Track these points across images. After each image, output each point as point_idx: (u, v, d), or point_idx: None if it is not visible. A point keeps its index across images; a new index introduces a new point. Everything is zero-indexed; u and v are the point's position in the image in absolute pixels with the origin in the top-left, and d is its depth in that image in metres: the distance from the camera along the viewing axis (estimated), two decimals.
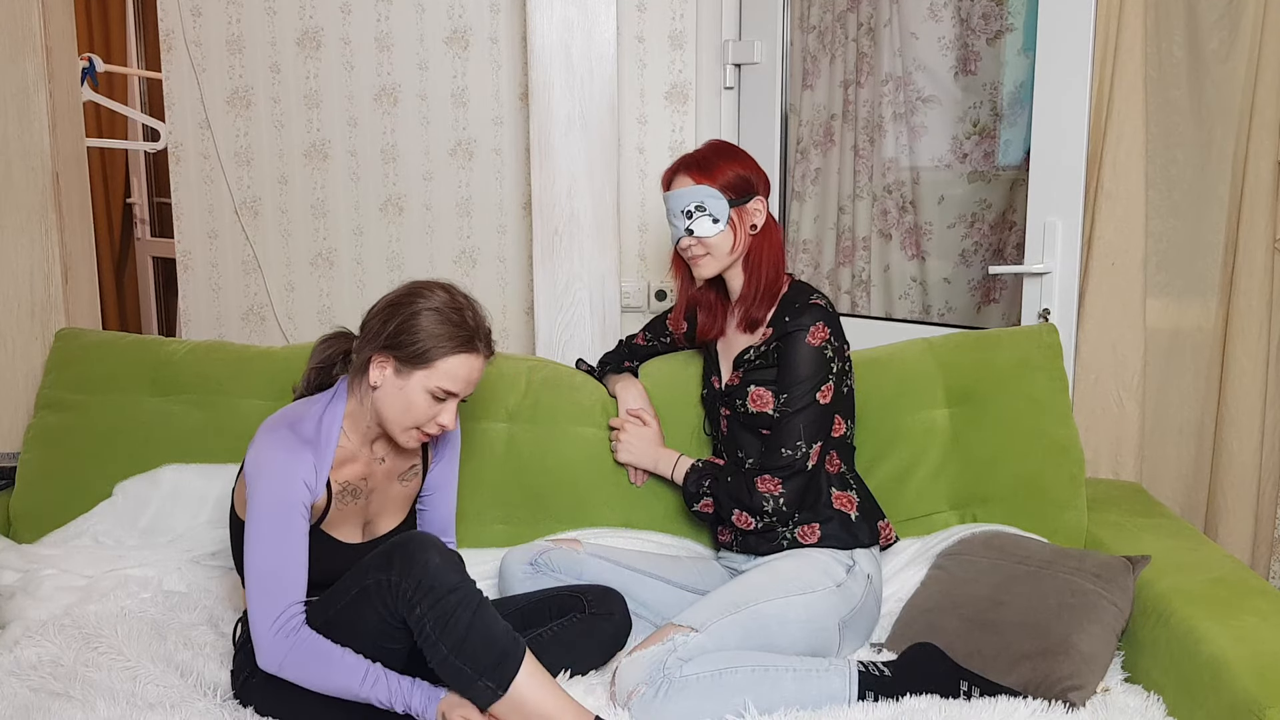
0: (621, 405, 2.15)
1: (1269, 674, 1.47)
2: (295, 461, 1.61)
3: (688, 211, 1.91)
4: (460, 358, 1.65)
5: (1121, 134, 2.32)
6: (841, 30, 2.88)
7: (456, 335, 1.65)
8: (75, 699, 1.63)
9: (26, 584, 2.02)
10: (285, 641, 1.55)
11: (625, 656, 1.71)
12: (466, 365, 1.66)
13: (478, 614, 1.53)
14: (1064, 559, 1.86)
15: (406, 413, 1.66)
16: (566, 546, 1.99)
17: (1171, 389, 2.53)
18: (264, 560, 1.58)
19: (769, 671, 1.65)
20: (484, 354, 1.69)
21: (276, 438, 1.63)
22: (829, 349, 1.88)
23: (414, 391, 1.64)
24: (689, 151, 1.98)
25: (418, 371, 1.64)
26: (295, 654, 1.55)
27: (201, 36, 2.72)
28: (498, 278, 2.78)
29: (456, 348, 1.64)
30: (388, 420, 1.67)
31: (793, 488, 1.87)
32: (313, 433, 1.66)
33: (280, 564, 1.58)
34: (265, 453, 1.61)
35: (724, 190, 1.90)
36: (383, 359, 1.65)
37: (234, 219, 2.79)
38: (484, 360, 1.69)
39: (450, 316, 1.65)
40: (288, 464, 1.60)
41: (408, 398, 1.65)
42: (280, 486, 1.59)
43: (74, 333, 2.36)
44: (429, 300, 1.66)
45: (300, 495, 1.60)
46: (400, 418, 1.66)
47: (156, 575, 2.06)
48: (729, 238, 1.91)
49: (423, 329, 1.64)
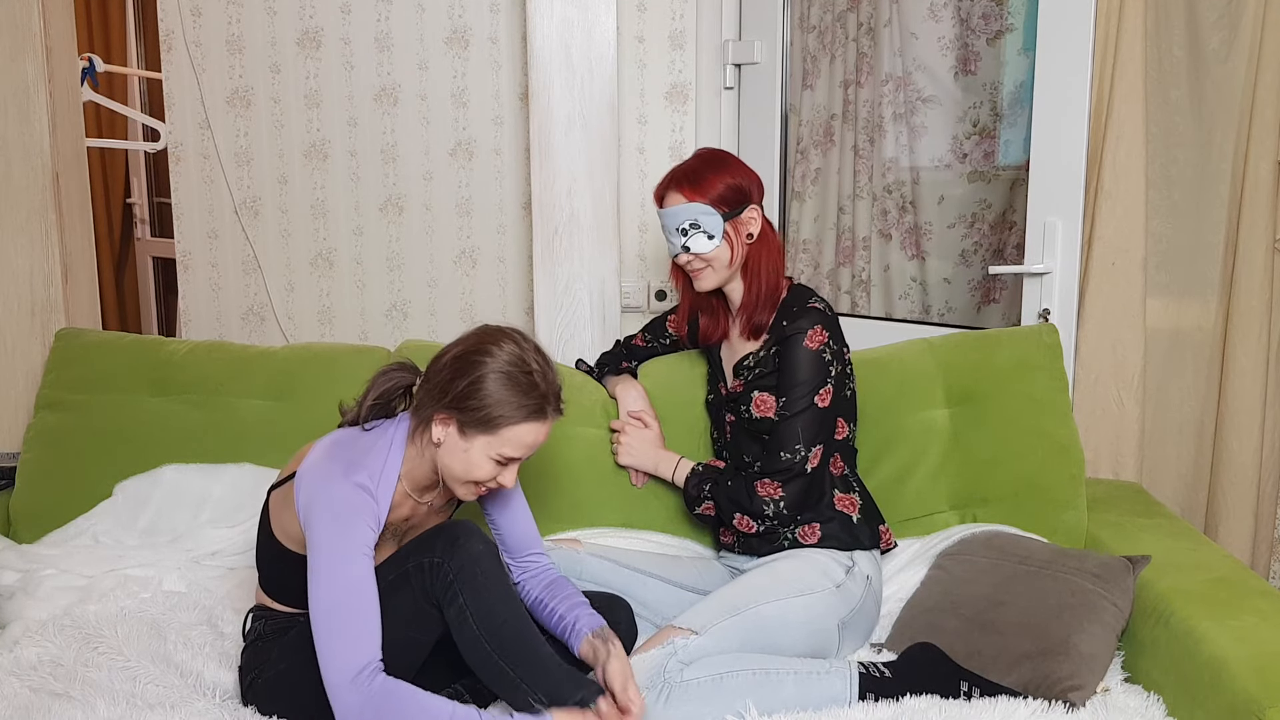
0: (622, 407, 2.15)
1: (1269, 674, 1.47)
2: (364, 503, 1.55)
3: (682, 229, 1.90)
4: (527, 426, 1.57)
5: (1121, 134, 2.32)
6: (841, 30, 2.88)
7: (524, 405, 1.56)
8: (75, 699, 1.63)
9: (26, 584, 2.01)
10: (364, 691, 1.45)
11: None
12: (534, 433, 1.58)
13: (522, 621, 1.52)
14: (1064, 559, 1.86)
15: (468, 472, 1.59)
16: (566, 547, 1.99)
17: (1171, 389, 2.53)
18: (339, 606, 1.48)
19: (770, 675, 1.65)
20: (552, 418, 1.60)
21: (344, 475, 1.55)
22: (827, 352, 1.88)
23: (476, 454, 1.57)
24: (678, 164, 1.96)
25: (482, 436, 1.56)
26: (372, 704, 1.44)
27: (201, 36, 2.72)
28: (498, 278, 2.78)
29: (525, 417, 1.56)
30: (448, 476, 1.61)
31: (793, 491, 1.87)
32: (372, 481, 1.58)
33: (356, 608, 1.49)
34: (335, 490, 1.54)
35: (716, 205, 1.89)
36: (445, 416, 1.57)
37: (234, 219, 2.79)
38: (551, 424, 1.61)
39: (520, 381, 1.56)
40: (358, 506, 1.54)
41: (469, 459, 1.58)
42: (351, 528, 1.52)
43: (74, 333, 2.36)
44: (496, 360, 1.56)
45: (367, 538, 1.53)
46: (461, 475, 1.60)
47: (156, 575, 2.06)
48: (726, 251, 1.91)
49: (489, 394, 1.55)
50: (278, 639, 1.66)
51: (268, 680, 1.63)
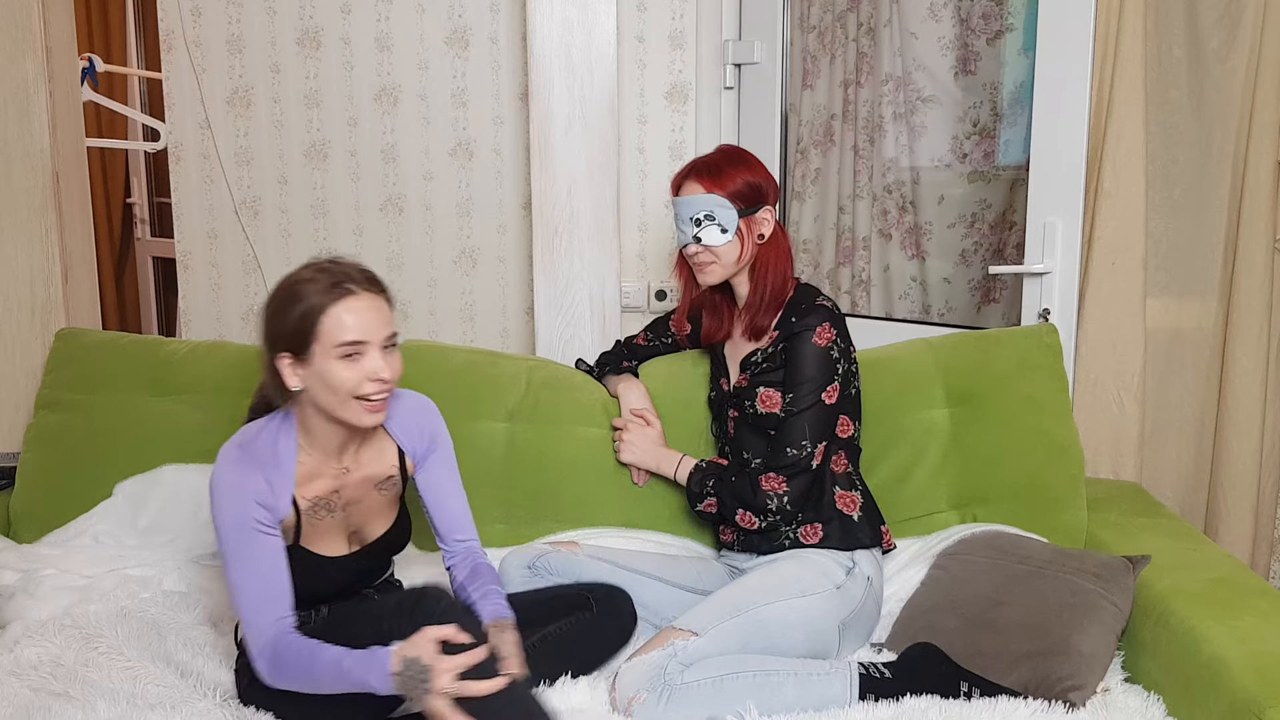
0: (624, 405, 2.15)
1: (1269, 674, 1.47)
2: (245, 482, 1.58)
3: (696, 219, 1.90)
4: (338, 308, 1.54)
5: (1121, 134, 2.32)
6: (841, 30, 2.88)
7: (322, 294, 1.55)
8: (75, 699, 1.63)
9: (26, 584, 2.02)
10: (264, 655, 1.54)
11: (624, 662, 1.71)
12: (350, 311, 1.55)
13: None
14: (1064, 559, 1.86)
15: (335, 390, 1.56)
16: (565, 549, 1.99)
17: (1171, 389, 2.53)
18: (240, 581, 1.56)
19: (770, 677, 1.65)
20: (365, 290, 1.57)
21: (227, 459, 1.60)
22: (835, 350, 1.88)
23: (324, 366, 1.55)
24: (700, 156, 1.98)
25: (314, 346, 1.55)
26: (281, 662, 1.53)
27: (201, 36, 2.72)
28: (498, 278, 2.78)
29: (330, 302, 1.54)
30: (328, 407, 1.59)
31: (797, 487, 1.87)
32: (268, 454, 1.61)
33: (256, 583, 1.56)
34: (218, 475, 1.59)
35: (734, 200, 1.90)
36: (283, 359, 1.58)
37: (234, 219, 2.79)
38: (371, 297, 1.58)
39: (307, 281, 1.56)
40: (239, 485, 1.58)
41: (325, 376, 1.56)
42: (235, 507, 1.57)
43: (74, 333, 2.36)
44: (281, 285, 1.59)
45: (254, 513, 1.56)
46: (335, 399, 1.57)
47: (156, 575, 2.06)
48: (736, 247, 1.91)
49: (291, 311, 1.55)
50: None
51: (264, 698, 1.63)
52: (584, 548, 2.01)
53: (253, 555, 1.56)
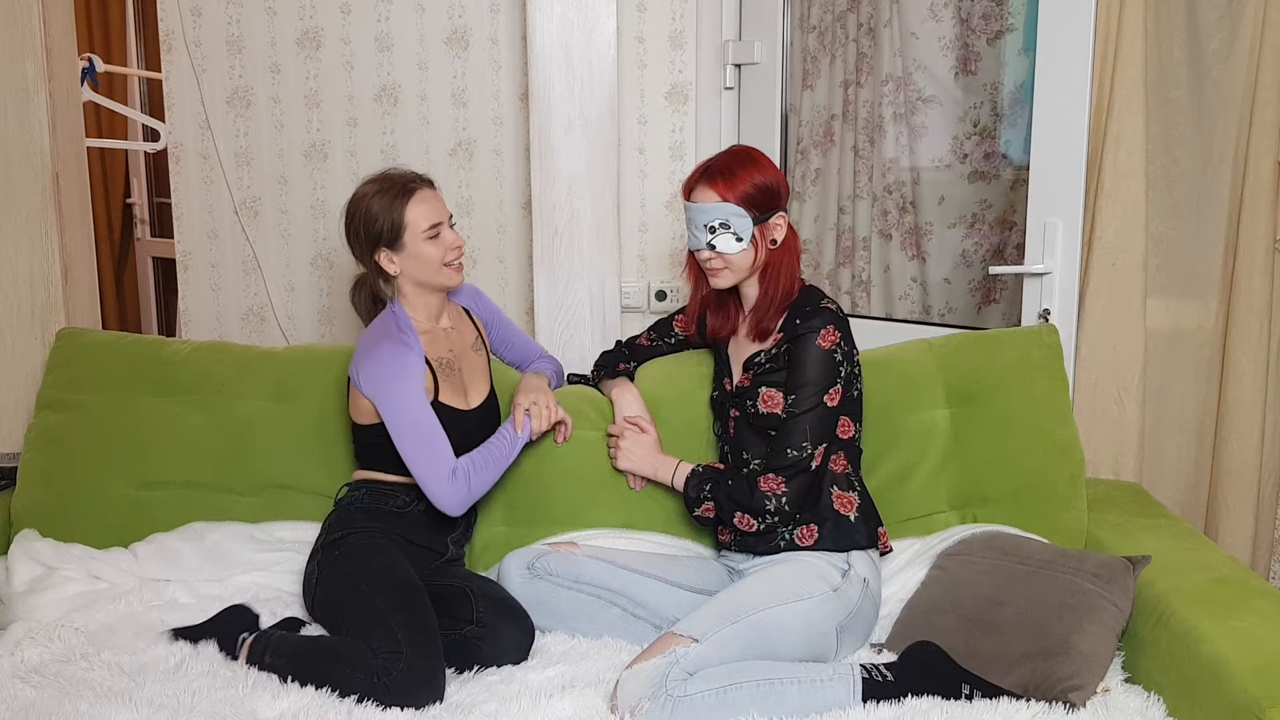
0: (619, 412, 2.15)
1: (1269, 674, 1.47)
2: (405, 359, 1.93)
3: (710, 227, 1.90)
4: (412, 203, 1.97)
5: (1121, 134, 2.32)
6: (841, 30, 2.88)
7: (396, 193, 1.98)
8: (77, 699, 1.63)
9: (43, 580, 2.04)
10: (459, 485, 1.92)
11: (625, 669, 1.70)
12: (423, 203, 1.99)
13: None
14: (1064, 559, 1.86)
15: (430, 262, 1.99)
16: (565, 549, 1.99)
17: (1171, 389, 2.53)
18: (417, 437, 1.91)
19: (774, 685, 1.65)
20: (425, 187, 2.02)
21: (382, 349, 1.94)
22: (838, 352, 1.88)
23: (417, 248, 1.98)
24: (712, 158, 1.95)
25: (404, 237, 1.97)
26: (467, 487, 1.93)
27: (201, 36, 2.72)
28: (498, 278, 2.78)
29: (405, 201, 1.97)
30: (426, 279, 2.01)
31: (796, 487, 1.87)
32: (397, 330, 1.97)
33: (430, 433, 1.91)
34: (380, 362, 1.93)
35: (748, 207, 1.88)
36: (380, 254, 1.99)
37: (234, 219, 2.79)
38: (429, 190, 2.02)
39: (380, 188, 1.99)
40: (402, 362, 1.93)
41: (419, 256, 1.98)
42: (406, 378, 1.92)
43: (74, 333, 2.36)
44: (356, 198, 2.01)
45: (420, 379, 1.93)
46: (430, 269, 2.00)
47: (171, 585, 2.08)
48: (750, 255, 1.91)
49: (375, 214, 1.97)
50: (367, 510, 1.99)
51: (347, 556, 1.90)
52: (583, 548, 2.01)
53: (425, 414, 1.92)
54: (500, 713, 1.66)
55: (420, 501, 2.00)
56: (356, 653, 1.73)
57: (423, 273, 2.00)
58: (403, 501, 2.01)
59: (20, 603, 1.98)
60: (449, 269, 2.01)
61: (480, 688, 1.76)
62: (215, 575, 2.10)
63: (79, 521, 2.21)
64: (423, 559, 1.98)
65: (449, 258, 2.01)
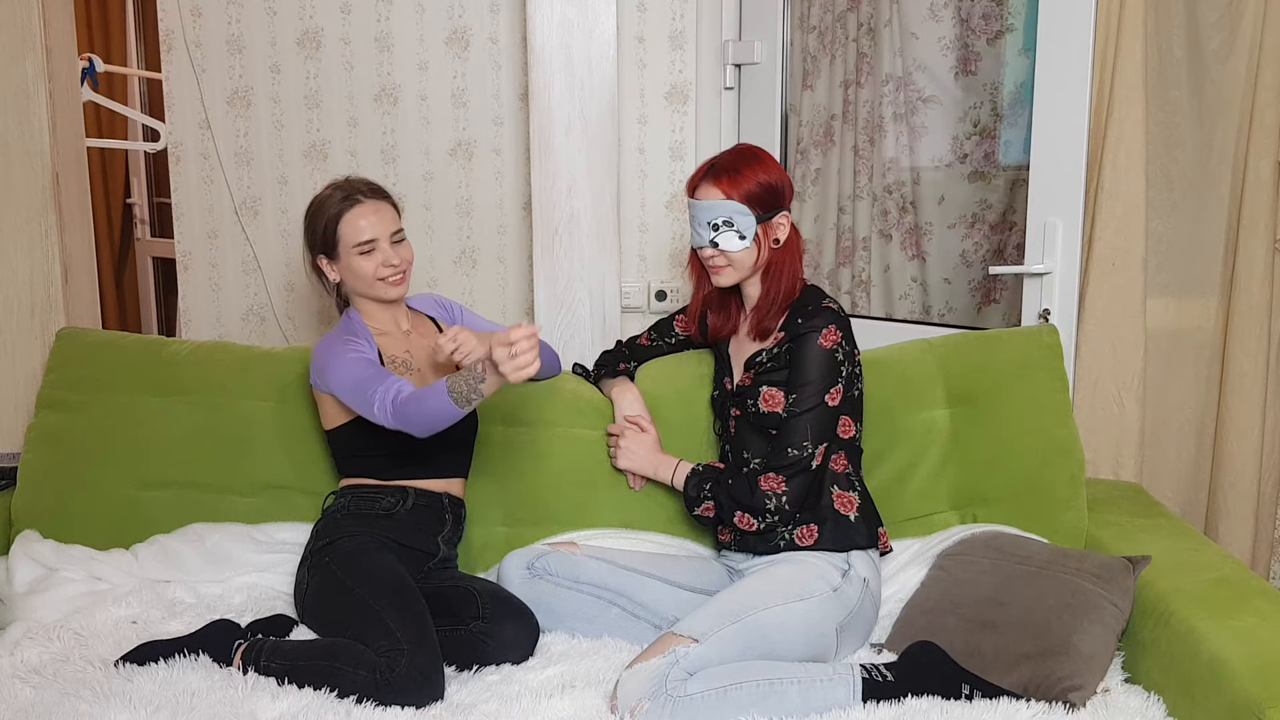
0: (618, 411, 2.15)
1: (1269, 674, 1.47)
2: (347, 336, 1.97)
3: (714, 224, 1.90)
4: (350, 215, 1.98)
5: (1121, 134, 2.32)
6: (841, 30, 2.88)
7: (335, 205, 1.99)
8: (77, 699, 1.63)
9: (43, 582, 2.03)
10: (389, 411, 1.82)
11: (625, 669, 1.70)
12: (361, 216, 1.98)
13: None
14: (1064, 559, 1.86)
15: (363, 276, 1.99)
16: (564, 549, 1.99)
17: (1171, 389, 2.53)
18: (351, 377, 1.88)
19: (774, 685, 1.65)
20: (367, 199, 2.00)
21: (329, 336, 2.00)
22: (840, 352, 1.88)
23: (351, 262, 1.99)
24: (716, 156, 1.96)
25: (339, 248, 2.00)
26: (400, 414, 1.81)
27: (201, 36, 2.72)
28: (498, 278, 2.78)
29: (342, 211, 1.98)
30: (362, 291, 2.02)
31: (796, 486, 1.87)
32: (353, 335, 1.99)
33: (363, 372, 1.87)
34: (326, 346, 1.96)
35: (752, 206, 1.89)
36: (320, 260, 2.03)
37: (234, 219, 2.79)
38: (374, 203, 2.01)
39: (325, 198, 2.01)
40: (344, 338, 1.96)
41: (351, 269, 2.00)
42: (342, 347, 1.93)
43: (74, 333, 2.36)
44: (314, 199, 2.04)
45: (359, 346, 1.93)
46: (363, 282, 2.00)
47: (172, 585, 2.08)
48: (753, 253, 1.91)
49: (315, 220, 2.01)
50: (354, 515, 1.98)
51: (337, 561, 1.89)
52: (583, 548, 2.01)
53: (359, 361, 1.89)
54: (500, 712, 1.66)
55: (406, 501, 2.00)
56: (357, 650, 1.73)
57: (357, 284, 2.02)
58: (389, 503, 2.00)
59: (20, 603, 1.98)
60: (383, 283, 2.00)
61: (480, 687, 1.76)
62: (216, 576, 2.10)
63: (79, 521, 2.21)
64: (415, 562, 1.98)
65: (382, 273, 1.99)
